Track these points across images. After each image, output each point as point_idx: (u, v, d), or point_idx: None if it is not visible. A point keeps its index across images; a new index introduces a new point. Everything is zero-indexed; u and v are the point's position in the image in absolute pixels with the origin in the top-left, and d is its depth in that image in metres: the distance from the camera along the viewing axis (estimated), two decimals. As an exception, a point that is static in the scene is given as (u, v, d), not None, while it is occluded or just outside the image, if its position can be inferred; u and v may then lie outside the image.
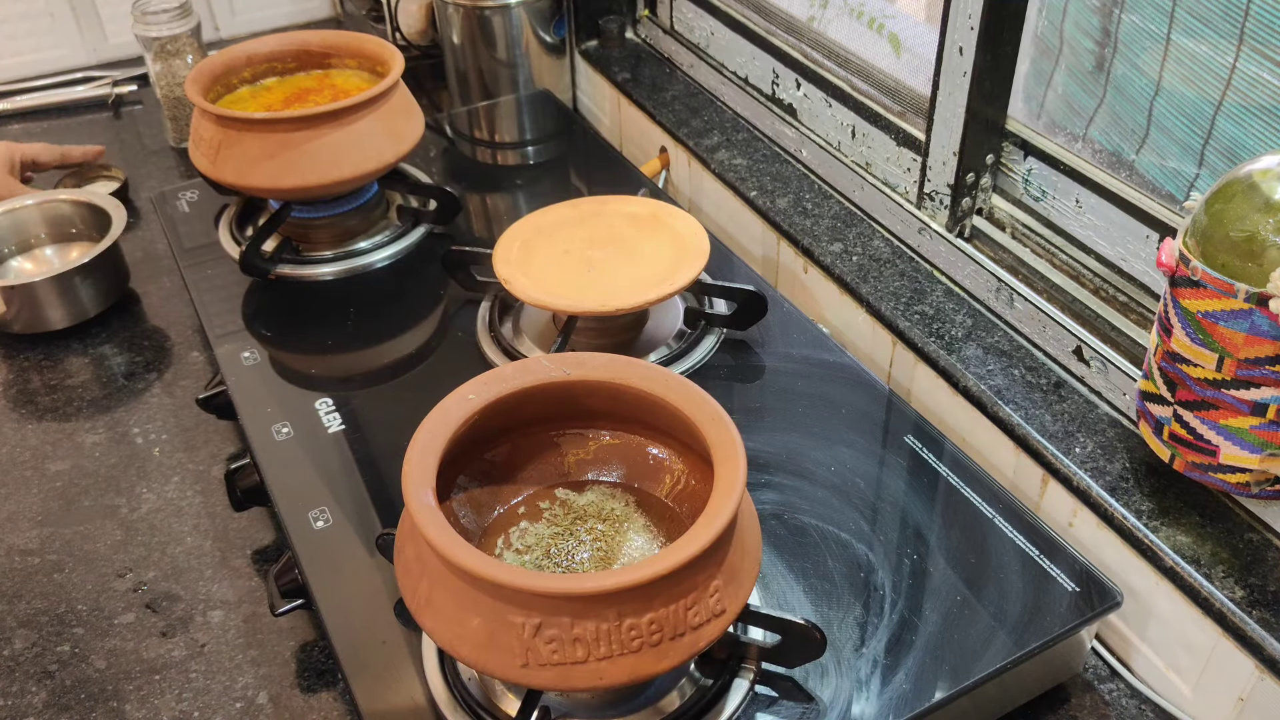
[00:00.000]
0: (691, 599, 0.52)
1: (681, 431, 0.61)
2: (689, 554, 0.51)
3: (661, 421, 0.62)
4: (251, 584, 0.81)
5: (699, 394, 0.60)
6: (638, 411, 0.63)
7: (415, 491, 0.54)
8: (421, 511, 0.53)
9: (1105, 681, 0.73)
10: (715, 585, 0.53)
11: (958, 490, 0.75)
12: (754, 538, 0.59)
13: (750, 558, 0.57)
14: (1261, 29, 0.69)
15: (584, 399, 0.64)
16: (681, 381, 0.61)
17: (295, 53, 1.07)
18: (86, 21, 1.50)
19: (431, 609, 0.55)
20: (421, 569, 0.55)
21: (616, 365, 0.62)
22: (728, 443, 0.57)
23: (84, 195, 1.17)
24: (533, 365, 0.62)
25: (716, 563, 0.54)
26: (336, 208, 1.04)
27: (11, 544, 0.85)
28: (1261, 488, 0.66)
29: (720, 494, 0.54)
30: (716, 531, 0.52)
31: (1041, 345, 0.85)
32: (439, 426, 0.59)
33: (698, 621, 0.53)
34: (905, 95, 0.99)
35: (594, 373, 0.62)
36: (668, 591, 0.52)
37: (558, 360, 0.63)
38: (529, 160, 1.24)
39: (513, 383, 0.61)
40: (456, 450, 0.60)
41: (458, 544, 0.52)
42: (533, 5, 1.26)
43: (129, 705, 0.73)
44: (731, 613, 0.55)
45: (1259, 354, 0.61)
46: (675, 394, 0.60)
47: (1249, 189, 0.60)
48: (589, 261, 0.90)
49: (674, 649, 0.53)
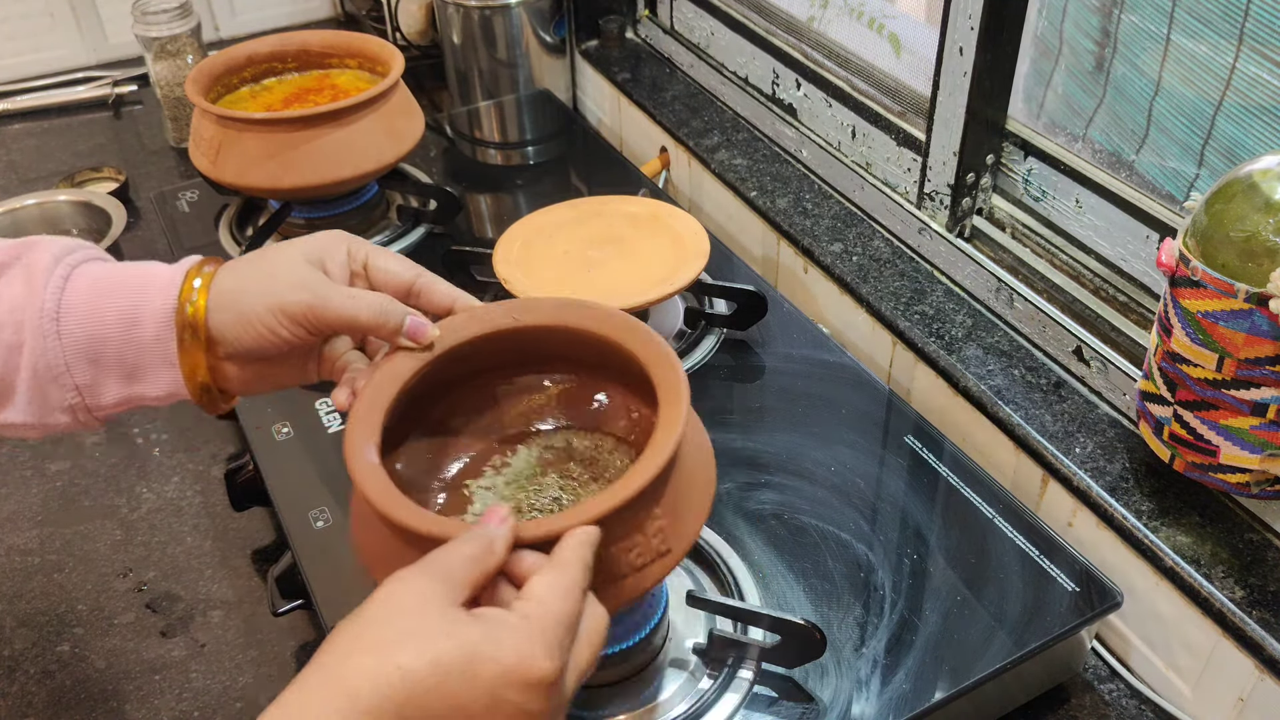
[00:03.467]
0: (632, 541, 0.51)
1: (632, 372, 0.59)
2: (625, 496, 0.49)
3: (614, 364, 0.60)
4: (251, 584, 0.81)
5: (645, 332, 0.58)
6: (589, 355, 0.61)
7: (357, 447, 0.53)
8: (362, 468, 0.52)
9: (1105, 681, 0.73)
10: (658, 526, 0.52)
11: (958, 490, 0.75)
12: (704, 475, 0.57)
13: (699, 493, 0.55)
14: (1261, 29, 0.69)
15: (535, 345, 0.62)
16: (628, 320, 0.59)
17: (295, 53, 1.07)
18: (86, 21, 1.50)
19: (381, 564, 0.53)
20: (368, 526, 0.54)
21: (563, 309, 0.60)
22: (671, 380, 0.55)
23: (84, 195, 1.17)
24: (480, 313, 0.60)
25: (657, 501, 0.52)
26: (336, 208, 1.04)
27: (11, 544, 0.85)
28: (1261, 488, 0.66)
29: (661, 432, 0.52)
30: (653, 472, 0.50)
31: (1041, 345, 0.85)
32: (385, 380, 0.56)
33: (640, 563, 0.51)
34: (905, 95, 0.99)
35: (542, 317, 0.60)
36: (606, 534, 0.49)
37: (507, 307, 0.60)
38: (529, 160, 1.24)
39: (462, 332, 0.59)
40: (405, 406, 0.58)
41: (398, 501, 0.50)
42: (533, 5, 1.26)
43: (129, 705, 0.73)
44: (677, 552, 0.53)
45: (1259, 354, 0.61)
46: (621, 332, 0.59)
47: (1249, 189, 0.60)
48: (589, 261, 0.90)
49: (616, 591, 0.51)
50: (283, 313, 0.55)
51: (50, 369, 0.55)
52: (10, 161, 1.35)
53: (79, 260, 0.57)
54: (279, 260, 0.57)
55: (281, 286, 0.56)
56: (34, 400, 0.55)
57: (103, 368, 0.56)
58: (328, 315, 0.56)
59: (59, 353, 0.55)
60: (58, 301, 0.55)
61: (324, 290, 0.56)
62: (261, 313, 0.55)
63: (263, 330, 0.56)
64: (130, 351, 0.56)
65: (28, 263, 0.55)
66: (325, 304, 0.55)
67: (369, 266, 0.59)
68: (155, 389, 0.57)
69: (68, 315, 0.55)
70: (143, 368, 0.56)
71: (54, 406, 0.56)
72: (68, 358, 0.55)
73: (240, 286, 0.56)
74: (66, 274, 0.56)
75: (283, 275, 0.56)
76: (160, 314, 0.56)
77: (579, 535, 0.48)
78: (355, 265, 0.59)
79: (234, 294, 0.56)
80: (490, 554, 0.46)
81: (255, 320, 0.55)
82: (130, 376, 0.56)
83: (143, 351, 0.56)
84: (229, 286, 0.56)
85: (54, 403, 0.56)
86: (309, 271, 0.57)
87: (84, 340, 0.55)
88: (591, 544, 0.48)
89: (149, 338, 0.56)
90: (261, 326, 0.56)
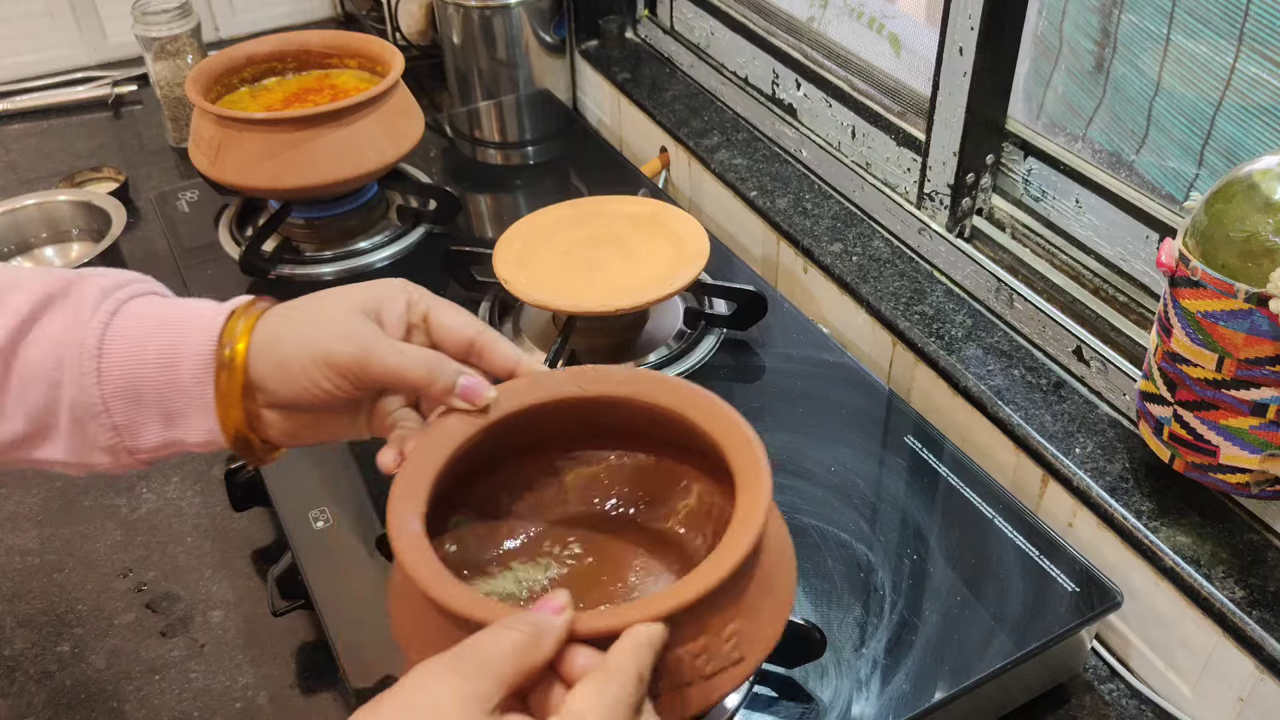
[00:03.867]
0: (700, 645, 0.45)
1: (708, 454, 0.54)
2: (695, 593, 0.44)
3: (687, 442, 0.55)
4: (251, 584, 0.81)
5: (725, 411, 0.53)
6: (660, 431, 0.56)
7: (400, 519, 0.48)
8: (405, 540, 0.47)
9: (1105, 682, 0.73)
10: (731, 629, 0.46)
11: (958, 490, 0.75)
12: (784, 574, 0.51)
13: (779, 597, 0.50)
14: (1261, 29, 0.69)
15: (603, 417, 0.56)
16: (707, 397, 0.54)
17: (295, 53, 1.07)
18: (86, 21, 1.50)
19: (416, 644, 0.49)
20: (407, 601, 0.49)
21: (638, 381, 0.55)
22: (752, 467, 0.50)
23: (84, 195, 1.17)
24: (545, 379, 0.55)
25: (732, 602, 0.46)
26: (336, 208, 1.04)
27: (11, 544, 0.85)
28: (1261, 488, 0.66)
29: (738, 525, 0.48)
30: (729, 568, 0.45)
31: (1041, 345, 0.85)
32: (436, 445, 0.52)
33: (709, 671, 0.46)
34: (905, 95, 0.99)
35: (614, 388, 0.55)
36: (670, 636, 0.44)
37: (574, 375, 0.56)
38: (529, 160, 1.24)
39: (523, 398, 0.54)
40: (455, 474, 0.53)
41: (444, 580, 0.46)
42: (533, 5, 1.26)
43: (129, 705, 0.73)
44: (752, 661, 0.47)
45: (1259, 354, 0.61)
46: (699, 412, 0.53)
47: (1249, 189, 0.60)
48: (589, 261, 0.90)
49: (680, 701, 0.46)
50: (327, 364, 0.52)
51: (89, 407, 0.52)
52: (10, 161, 1.35)
53: (129, 295, 0.54)
54: (330, 307, 0.54)
55: (328, 336, 0.52)
56: (74, 438, 0.53)
57: (143, 409, 0.53)
58: (373, 370, 0.52)
59: (97, 391, 0.52)
60: (100, 338, 0.52)
61: (372, 343, 0.52)
62: (305, 363, 0.52)
63: (305, 382, 0.52)
64: (170, 393, 0.53)
65: (76, 295, 0.53)
66: (371, 358, 0.51)
67: (430, 320, 0.55)
68: (194, 434, 0.54)
69: (109, 353, 0.52)
70: (180, 412, 0.53)
71: (94, 445, 0.53)
72: (106, 397, 0.52)
73: (284, 333, 0.53)
74: (114, 309, 0.53)
75: (331, 324, 0.53)
76: (199, 355, 0.52)
77: (638, 636, 0.42)
78: (414, 317, 0.55)
79: (277, 341, 0.52)
80: (538, 647, 0.41)
81: (297, 371, 0.52)
82: (169, 420, 0.53)
83: (181, 394, 0.53)
84: (273, 332, 0.53)
85: (94, 442, 0.53)
86: (359, 322, 0.53)
87: (122, 380, 0.52)
88: (653, 646, 0.42)
89: (188, 380, 0.52)
90: (304, 378, 0.52)
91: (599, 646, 0.43)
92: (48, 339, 0.52)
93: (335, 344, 0.52)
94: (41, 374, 0.52)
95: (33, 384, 0.52)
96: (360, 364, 0.51)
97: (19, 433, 0.52)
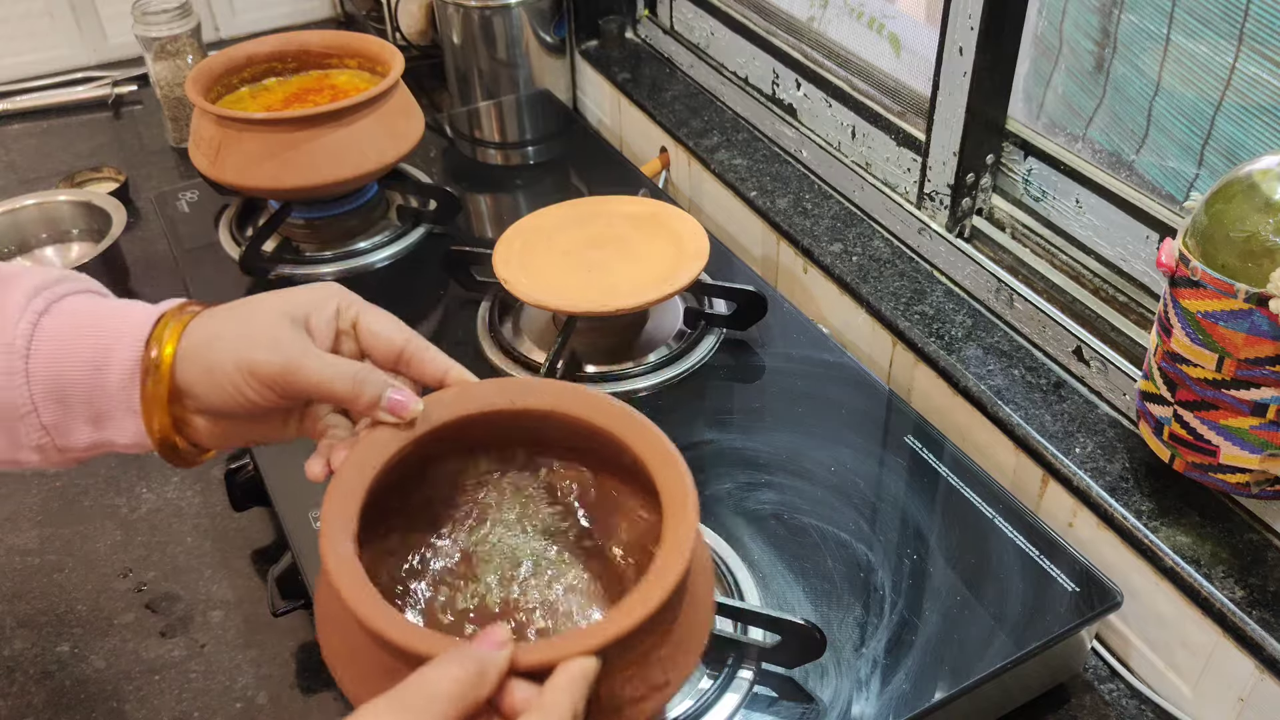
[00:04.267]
0: (630, 672, 0.46)
1: (635, 469, 0.54)
2: (625, 626, 0.44)
3: (617, 458, 0.55)
4: (251, 584, 0.81)
5: (650, 430, 0.53)
6: (592, 445, 0.56)
7: (332, 539, 0.48)
8: (335, 562, 0.47)
9: (1105, 681, 0.73)
10: (657, 655, 0.47)
11: (958, 490, 0.75)
12: (707, 596, 0.51)
13: (701, 621, 0.50)
14: (1261, 29, 0.69)
15: (533, 430, 0.56)
16: (631, 414, 0.54)
17: (295, 53, 1.07)
18: (86, 21, 1.50)
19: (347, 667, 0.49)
20: (336, 623, 0.49)
21: (564, 394, 0.55)
22: (677, 488, 0.50)
23: (84, 195, 1.17)
24: (475, 390, 0.55)
25: (662, 628, 0.47)
26: (336, 208, 1.04)
27: (11, 544, 0.85)
28: (1261, 488, 0.66)
29: (668, 551, 0.47)
30: (659, 600, 0.45)
31: (1041, 345, 0.85)
32: (365, 459, 0.51)
33: (635, 695, 0.46)
34: (905, 95, 0.99)
35: (541, 402, 0.55)
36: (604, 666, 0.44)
37: (502, 386, 0.56)
38: (529, 160, 1.24)
39: (453, 408, 0.54)
40: (388, 486, 0.53)
41: (377, 606, 0.45)
42: (533, 5, 1.26)
43: (129, 705, 0.73)
44: (675, 683, 0.48)
45: (1259, 354, 0.61)
46: (622, 427, 0.53)
47: (1249, 189, 0.60)
48: (589, 262, 0.90)
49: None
50: (252, 375, 0.51)
51: (17, 408, 0.52)
52: (10, 161, 1.35)
53: (62, 293, 0.54)
54: (258, 312, 0.53)
55: (254, 345, 0.52)
56: (2, 437, 0.53)
57: (70, 410, 0.53)
58: (299, 383, 0.51)
59: (26, 392, 0.52)
60: (28, 339, 0.51)
61: (299, 355, 0.51)
62: (230, 371, 0.51)
63: (230, 390, 0.52)
64: (97, 396, 0.52)
65: (3, 296, 0.52)
66: (297, 370, 0.51)
67: (359, 327, 0.55)
68: (122, 436, 0.54)
69: (38, 353, 0.51)
70: (108, 414, 0.53)
71: (23, 445, 0.53)
72: (35, 397, 0.52)
73: (212, 339, 0.52)
74: (43, 308, 0.52)
75: (258, 331, 0.52)
76: (128, 359, 0.52)
77: (573, 670, 0.43)
78: (343, 324, 0.55)
79: (205, 347, 0.52)
80: (481, 685, 0.42)
81: (223, 379, 0.52)
82: (97, 422, 0.53)
83: (108, 397, 0.52)
84: (200, 337, 0.53)
85: (23, 441, 0.53)
86: (287, 330, 0.52)
87: (51, 381, 0.52)
88: (587, 679, 0.43)
89: (114, 384, 0.52)
90: (229, 386, 0.52)
91: (536, 678, 0.43)
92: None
93: (261, 354, 0.51)
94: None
95: None
96: (285, 376, 0.51)
97: None
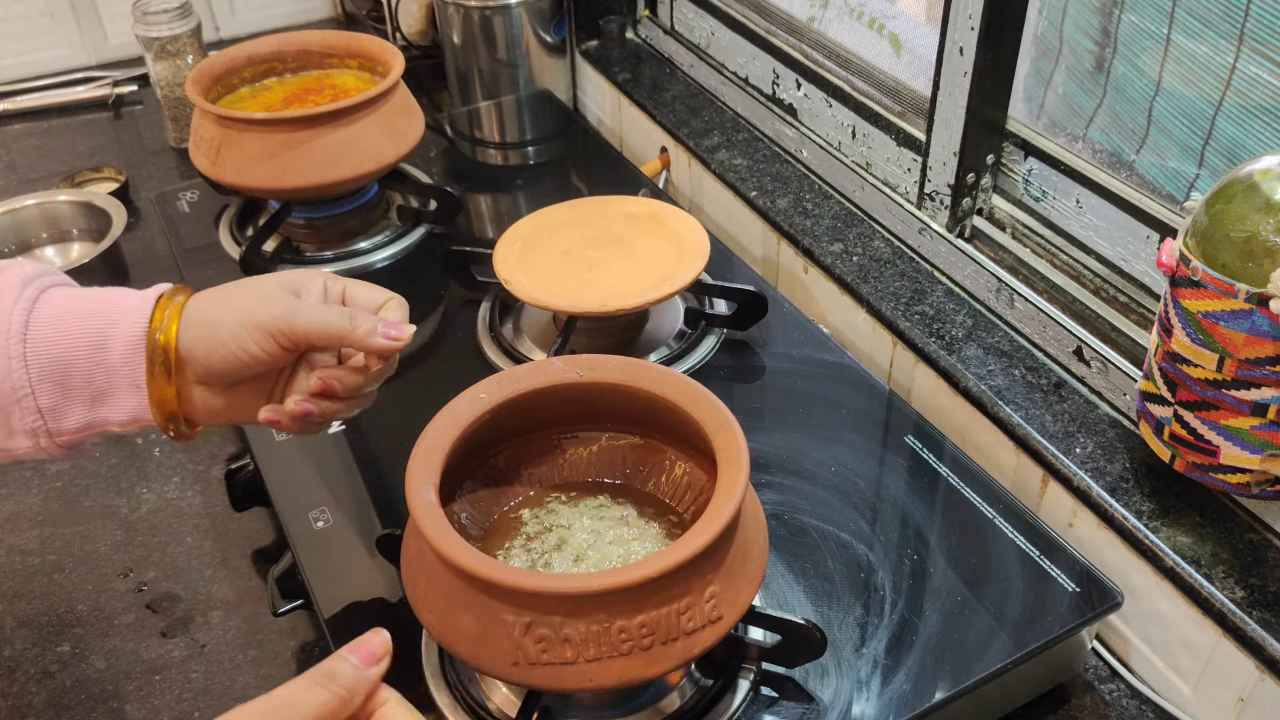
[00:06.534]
0: (685, 603, 0.52)
1: (692, 435, 0.61)
2: (681, 557, 0.50)
3: (673, 425, 0.62)
4: (251, 584, 0.81)
5: (707, 397, 0.60)
6: (648, 414, 0.63)
7: (417, 487, 0.55)
8: (420, 506, 0.54)
9: (1105, 682, 0.73)
10: (711, 591, 0.53)
11: (958, 490, 0.75)
12: (758, 544, 0.58)
13: (753, 563, 0.56)
14: (1261, 29, 0.69)
15: (596, 401, 0.64)
16: (691, 385, 0.61)
17: (295, 53, 1.07)
18: (86, 21, 1.50)
19: (429, 604, 0.55)
20: (421, 565, 0.55)
21: (629, 368, 0.62)
22: (732, 447, 0.56)
23: (84, 195, 1.17)
24: (545, 366, 0.63)
25: (713, 567, 0.53)
26: (336, 208, 1.04)
27: (12, 544, 0.85)
28: (1262, 488, 0.66)
29: (719, 498, 0.54)
30: (712, 535, 0.51)
31: (1042, 345, 0.85)
32: (447, 424, 0.59)
33: (691, 627, 0.52)
34: (905, 95, 0.99)
35: (607, 375, 0.62)
36: (659, 595, 0.51)
37: (571, 362, 0.63)
38: (529, 160, 1.24)
39: (525, 383, 0.61)
40: (465, 450, 0.60)
41: (454, 540, 0.52)
42: (533, 5, 1.26)
43: (129, 705, 0.73)
44: (729, 620, 0.54)
45: (1259, 354, 0.61)
46: (683, 397, 0.60)
47: (1249, 189, 0.60)
48: (589, 262, 0.90)
49: (666, 654, 0.52)
50: (256, 326, 0.56)
51: (14, 391, 0.54)
52: (10, 161, 1.35)
53: (47, 284, 0.57)
54: (255, 284, 0.59)
55: (256, 305, 0.57)
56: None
57: (68, 390, 0.55)
58: (298, 325, 0.56)
59: (24, 374, 0.54)
60: (25, 323, 0.54)
61: (296, 304, 0.57)
62: (234, 328, 0.56)
63: (234, 348, 0.56)
64: (98, 374, 0.56)
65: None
66: (296, 314, 0.57)
67: (347, 296, 0.61)
68: (119, 413, 0.57)
69: (35, 336, 0.54)
70: (109, 391, 0.56)
71: (15, 430, 0.55)
72: (32, 379, 0.54)
73: (213, 307, 0.57)
74: (35, 296, 0.55)
75: (259, 295, 0.58)
76: (129, 338, 0.56)
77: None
78: (332, 296, 0.60)
79: (206, 315, 0.57)
80: (346, 706, 0.44)
81: (228, 337, 0.56)
82: (95, 400, 0.56)
83: (110, 373, 0.56)
84: (202, 304, 0.57)
85: (15, 426, 0.55)
86: (284, 293, 0.58)
87: (50, 362, 0.55)
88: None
89: (117, 360, 0.56)
90: (234, 343, 0.56)
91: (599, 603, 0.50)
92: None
93: (260, 307, 0.56)
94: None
95: None
96: (286, 320, 0.56)
97: None
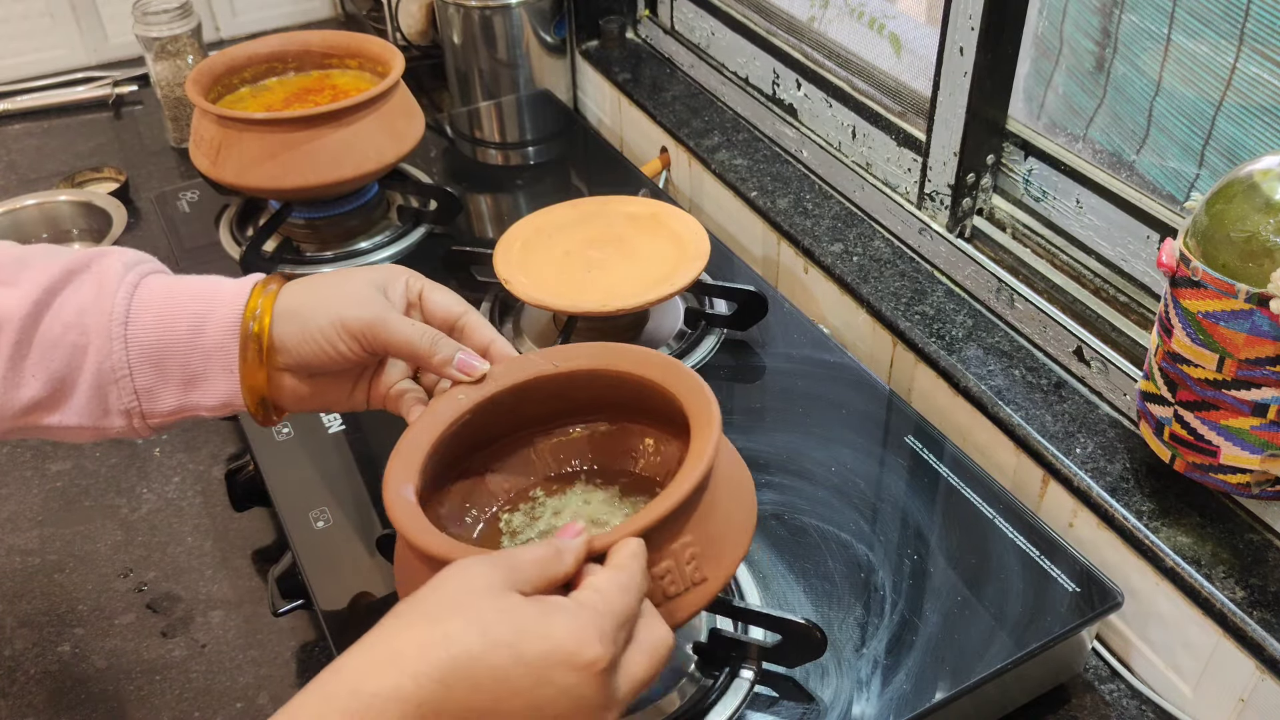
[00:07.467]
0: (664, 567, 0.51)
1: (672, 412, 0.60)
2: (653, 517, 0.50)
3: (653, 405, 0.62)
4: (251, 584, 0.81)
5: (680, 368, 0.60)
6: (630, 398, 0.63)
7: (394, 486, 0.55)
8: (397, 504, 0.53)
9: (1106, 682, 0.73)
10: (692, 552, 0.52)
11: (958, 490, 0.75)
12: (743, 505, 0.57)
13: (735, 525, 0.55)
14: (1261, 29, 0.69)
15: (577, 391, 0.63)
16: (664, 359, 0.61)
17: (296, 53, 1.07)
18: (86, 21, 1.50)
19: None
20: (406, 563, 0.55)
21: (602, 353, 0.62)
22: (703, 410, 0.56)
23: (84, 195, 1.17)
24: (522, 362, 0.62)
25: (690, 528, 0.52)
26: (336, 208, 1.04)
27: (12, 544, 0.85)
28: (1262, 488, 0.66)
29: (692, 457, 0.53)
30: (683, 494, 0.51)
31: (1042, 345, 0.85)
32: (427, 425, 0.59)
33: (674, 591, 0.51)
34: (905, 95, 0.99)
35: (582, 362, 0.62)
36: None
37: (547, 354, 0.63)
38: (529, 160, 1.24)
39: (503, 380, 0.61)
40: (450, 454, 0.60)
41: (429, 533, 0.52)
42: (533, 5, 1.26)
43: (129, 705, 0.73)
44: (714, 582, 0.53)
45: (1259, 354, 0.61)
46: (657, 370, 0.60)
47: (1249, 189, 0.60)
48: (589, 262, 0.90)
49: None
50: (344, 327, 0.57)
51: (114, 371, 0.57)
52: (10, 161, 1.35)
53: (147, 270, 0.60)
54: (345, 280, 0.60)
55: (346, 303, 0.58)
56: (93, 402, 0.57)
57: (164, 373, 0.58)
58: (384, 335, 0.58)
59: (123, 355, 0.57)
60: (126, 307, 0.57)
61: (385, 312, 0.58)
62: (324, 324, 0.58)
63: (322, 343, 0.58)
64: (194, 358, 0.58)
65: (99, 269, 0.58)
66: (384, 324, 0.58)
67: (423, 298, 0.61)
68: (211, 398, 0.59)
69: (136, 319, 0.57)
70: (203, 374, 0.58)
71: (111, 409, 0.58)
72: (131, 361, 0.57)
73: (305, 300, 0.59)
74: (136, 281, 0.58)
75: (349, 293, 0.59)
76: (225, 323, 0.58)
77: (633, 545, 0.48)
78: (411, 295, 0.61)
79: (298, 307, 0.58)
80: (559, 562, 0.47)
81: (316, 332, 0.58)
82: (189, 383, 0.58)
83: (205, 357, 0.58)
84: (296, 296, 0.59)
85: (112, 405, 0.58)
86: (374, 293, 0.59)
87: (149, 344, 0.57)
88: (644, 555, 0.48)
89: (212, 344, 0.58)
90: (322, 339, 0.58)
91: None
92: (72, 308, 0.56)
93: (352, 309, 0.58)
94: (65, 341, 0.56)
95: (55, 351, 0.56)
96: (373, 328, 0.58)
97: (37, 397, 0.57)
